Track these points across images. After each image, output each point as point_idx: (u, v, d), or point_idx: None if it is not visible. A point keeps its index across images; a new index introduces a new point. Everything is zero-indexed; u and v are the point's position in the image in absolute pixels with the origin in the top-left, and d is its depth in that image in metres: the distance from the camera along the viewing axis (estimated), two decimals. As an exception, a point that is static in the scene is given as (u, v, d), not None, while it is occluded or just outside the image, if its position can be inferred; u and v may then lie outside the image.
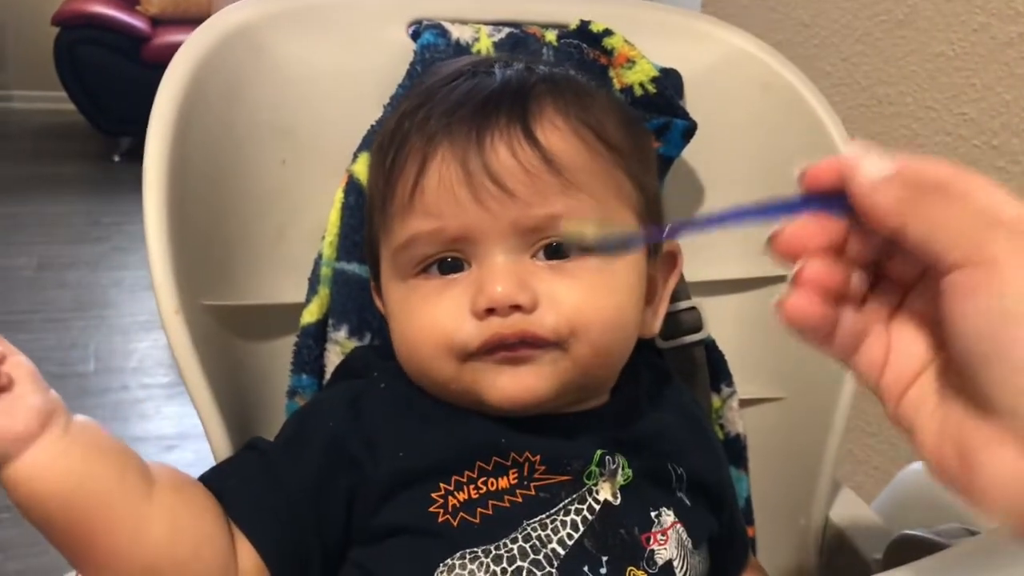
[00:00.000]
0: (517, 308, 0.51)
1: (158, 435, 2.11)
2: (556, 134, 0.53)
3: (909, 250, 0.35)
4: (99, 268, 2.94)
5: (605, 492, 0.54)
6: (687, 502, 0.57)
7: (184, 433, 2.09)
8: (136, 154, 2.84)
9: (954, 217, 0.34)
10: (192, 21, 4.07)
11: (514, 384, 0.52)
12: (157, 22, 4.03)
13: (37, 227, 3.22)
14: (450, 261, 0.54)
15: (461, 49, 0.68)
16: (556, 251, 0.53)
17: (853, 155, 0.37)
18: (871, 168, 0.36)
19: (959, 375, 0.35)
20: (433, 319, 0.53)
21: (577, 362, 0.53)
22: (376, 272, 0.60)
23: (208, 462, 0.57)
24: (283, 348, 0.65)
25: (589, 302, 0.52)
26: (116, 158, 3.95)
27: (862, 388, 0.45)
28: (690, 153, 0.71)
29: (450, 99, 0.54)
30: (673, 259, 0.62)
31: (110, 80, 3.78)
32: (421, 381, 0.56)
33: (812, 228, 0.38)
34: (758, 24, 1.42)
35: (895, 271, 0.38)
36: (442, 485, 0.52)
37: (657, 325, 0.61)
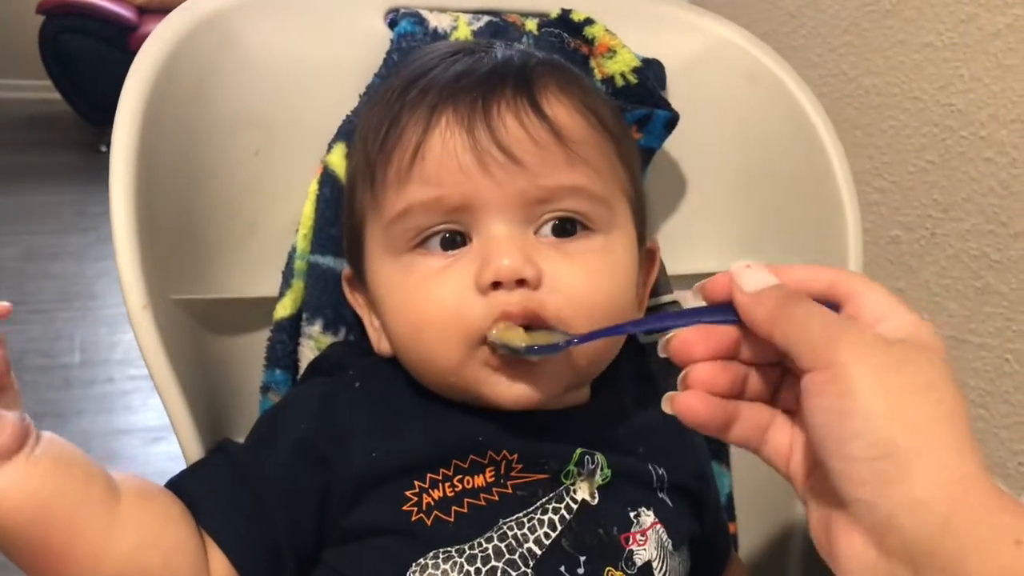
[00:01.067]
0: (522, 283, 0.50)
1: (144, 427, 2.10)
2: (561, 108, 0.53)
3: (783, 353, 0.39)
4: (85, 259, 2.92)
5: (583, 492, 0.53)
6: (668, 503, 0.56)
7: (170, 425, 2.08)
8: (119, 144, 2.73)
9: (811, 326, 0.38)
10: (179, 10, 4.06)
11: (518, 390, 0.51)
12: (144, 11, 3.99)
13: (23, 217, 3.20)
14: (449, 236, 0.52)
15: (439, 37, 0.66)
16: (559, 229, 0.52)
17: (737, 270, 0.43)
18: (749, 282, 0.41)
19: (820, 469, 0.38)
20: (438, 298, 0.51)
21: (578, 354, 0.52)
22: (357, 261, 0.58)
23: (192, 456, 0.56)
24: (256, 343, 0.64)
25: (591, 284, 0.52)
26: (103, 148, 3.91)
27: None
28: (672, 144, 0.70)
29: (451, 71, 0.53)
30: (652, 256, 0.61)
31: (96, 70, 3.74)
32: (420, 369, 0.54)
33: (697, 336, 0.42)
34: (745, 14, 1.41)
35: (793, 366, 0.41)
36: (417, 483, 0.51)
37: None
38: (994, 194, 1.05)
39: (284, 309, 0.63)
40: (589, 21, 0.69)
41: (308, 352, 0.63)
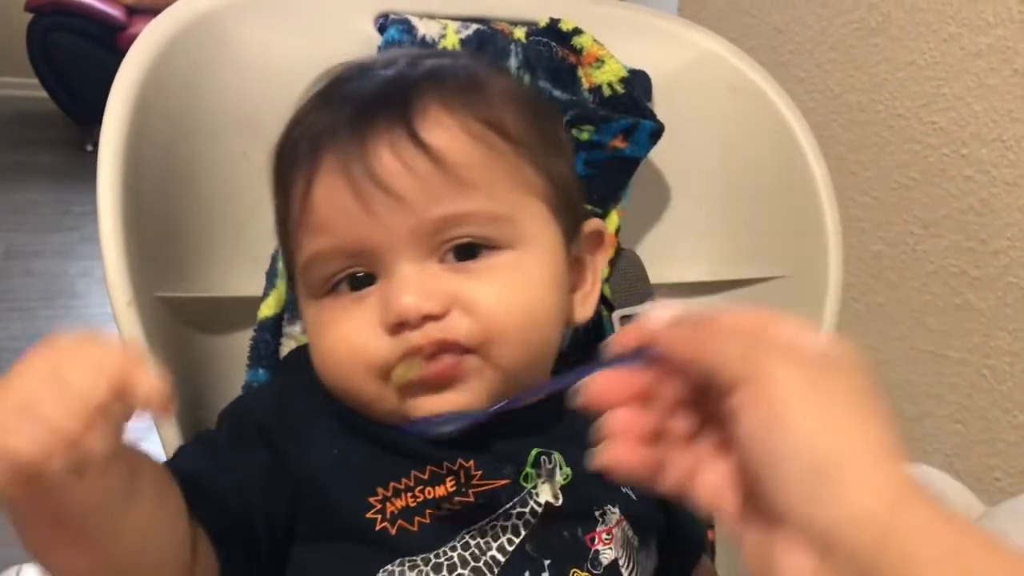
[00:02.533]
0: (428, 318, 0.49)
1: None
2: (442, 132, 0.50)
3: (707, 383, 0.38)
4: (68, 258, 2.91)
5: (546, 494, 0.53)
6: (632, 496, 0.56)
7: (152, 425, 2.07)
8: (106, 143, 2.71)
9: (733, 340, 0.37)
10: (169, 11, 4.06)
11: (442, 406, 0.50)
12: (133, 11, 3.98)
13: (6, 215, 3.18)
14: (360, 276, 0.51)
15: (426, 46, 0.67)
16: (462, 253, 0.51)
17: (648, 311, 0.41)
18: (659, 315, 0.40)
19: (754, 491, 0.37)
20: (345, 337, 0.51)
21: (500, 367, 0.51)
22: (295, 292, 0.58)
23: None
24: (239, 342, 0.64)
25: (501, 301, 0.51)
26: (89, 147, 3.90)
27: None
28: (657, 154, 0.71)
29: (331, 107, 0.52)
30: (599, 237, 0.59)
31: (84, 69, 3.73)
32: (347, 402, 0.53)
33: (613, 379, 0.41)
34: (733, 29, 1.42)
35: (713, 405, 0.40)
36: (379, 490, 0.51)
37: (590, 309, 0.58)
38: (974, 212, 1.07)
39: (268, 309, 0.64)
40: (578, 31, 0.70)
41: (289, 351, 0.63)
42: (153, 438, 1.78)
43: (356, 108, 0.51)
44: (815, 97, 1.29)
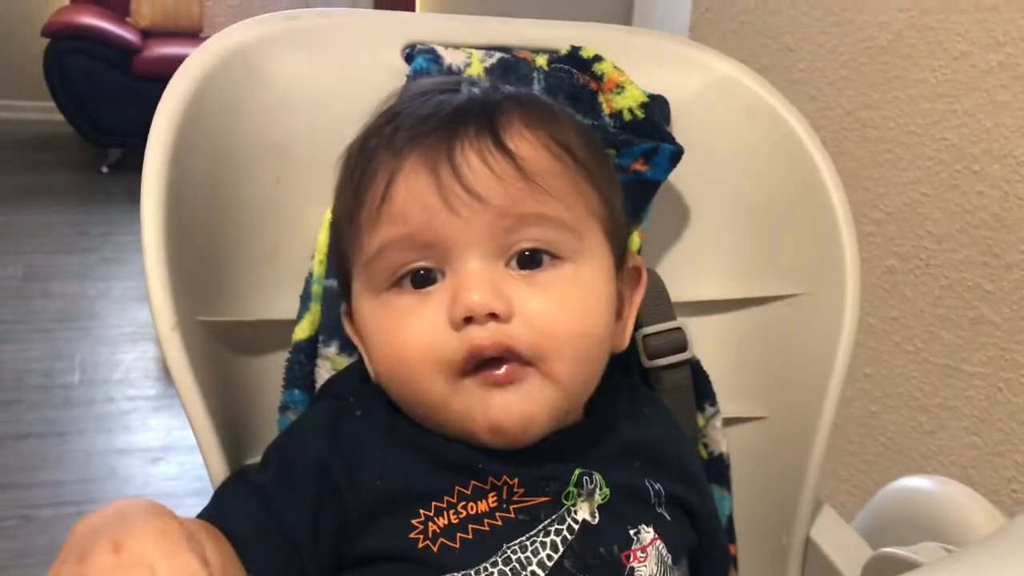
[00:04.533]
0: (493, 316, 0.51)
1: (143, 447, 2.11)
2: (525, 143, 0.54)
3: None
4: (86, 279, 2.94)
5: (583, 512, 0.54)
6: (667, 517, 0.58)
7: (169, 446, 2.09)
8: (124, 165, 2.85)
9: None
10: (183, 34, 4.10)
11: (506, 410, 0.52)
12: (148, 34, 4.04)
13: (24, 237, 3.22)
14: (422, 274, 0.54)
15: (452, 75, 0.69)
16: (527, 260, 0.54)
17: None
18: None
19: None
20: (413, 335, 0.53)
21: (559, 384, 0.53)
22: (347, 297, 0.60)
23: (193, 475, 0.58)
24: (276, 364, 0.66)
25: (561, 314, 0.53)
26: (104, 169, 3.94)
27: (843, 407, 0.45)
28: (677, 175, 0.72)
29: (418, 113, 0.55)
30: (638, 274, 0.63)
31: (100, 92, 3.78)
32: (409, 404, 0.55)
33: None
34: (744, 48, 1.44)
35: None
36: (422, 511, 0.52)
37: (626, 340, 0.61)
38: (987, 226, 1.08)
39: (302, 331, 0.66)
40: (598, 58, 0.72)
41: (325, 373, 0.65)
42: (170, 458, 1.79)
43: (445, 116, 0.54)
44: (827, 115, 1.30)
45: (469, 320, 0.51)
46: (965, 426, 1.14)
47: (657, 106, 0.72)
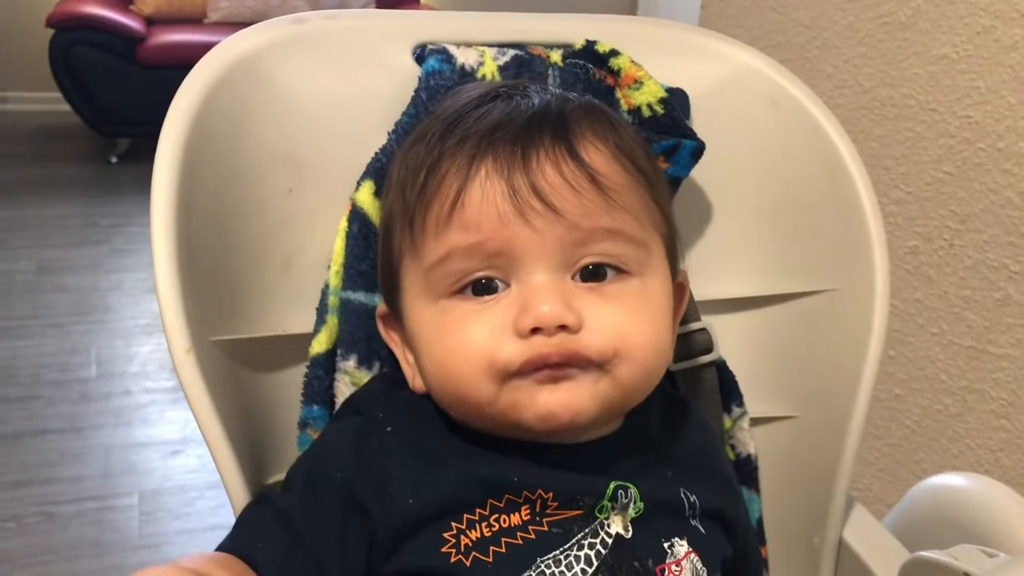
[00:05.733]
0: (562, 328, 0.50)
1: (162, 440, 2.11)
2: (598, 155, 0.53)
3: None
4: (99, 271, 2.94)
5: (617, 525, 0.54)
6: (701, 530, 0.57)
7: (188, 438, 2.09)
8: (133, 155, 2.85)
9: None
10: (187, 20, 4.07)
11: (555, 401, 0.51)
12: (152, 22, 4.00)
13: (35, 230, 3.21)
14: (484, 282, 0.53)
15: (466, 74, 0.67)
16: (594, 274, 0.53)
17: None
18: None
19: None
20: (473, 339, 0.52)
21: (618, 383, 0.52)
22: (393, 300, 0.59)
23: (212, 468, 0.57)
24: (293, 379, 0.65)
25: (632, 325, 0.52)
26: (113, 159, 3.93)
27: (875, 399, 0.44)
28: (699, 171, 0.71)
29: (488, 119, 0.54)
30: (682, 289, 0.62)
31: (106, 81, 3.76)
32: (454, 406, 0.55)
33: None
34: (758, 26, 1.41)
35: None
36: (454, 524, 0.52)
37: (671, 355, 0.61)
38: (1012, 205, 1.06)
39: (319, 345, 0.64)
40: (615, 52, 0.70)
41: (344, 387, 0.64)
42: (189, 451, 1.79)
43: (520, 124, 0.53)
44: (844, 93, 1.28)
45: (535, 331, 0.50)
46: (993, 409, 1.12)
47: (676, 100, 0.70)
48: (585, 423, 0.52)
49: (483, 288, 0.53)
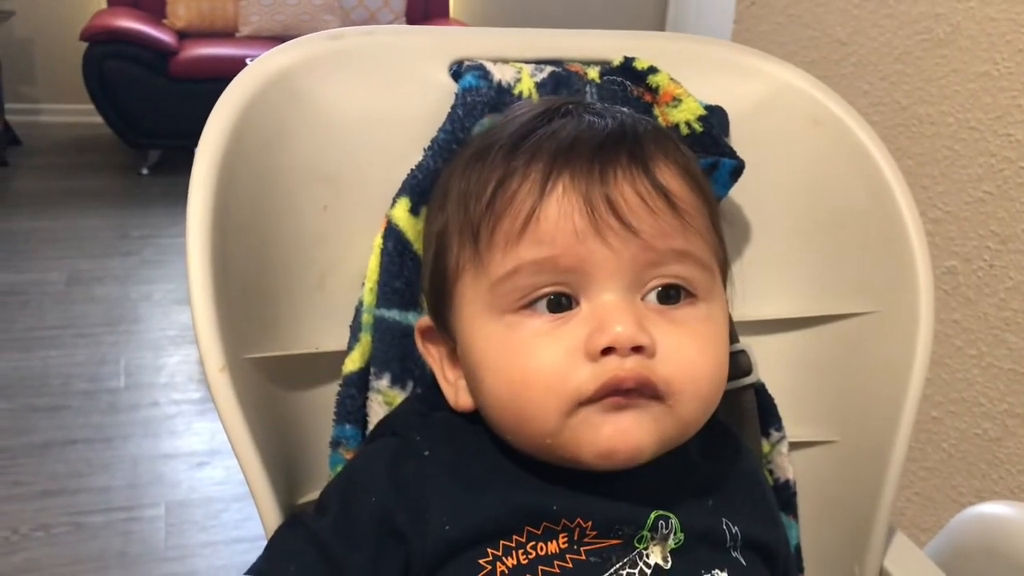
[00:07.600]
0: (637, 350, 0.49)
1: (189, 451, 2.11)
2: (672, 177, 0.53)
3: None
4: (129, 282, 2.96)
5: (655, 556, 0.52)
6: (742, 562, 0.55)
7: (215, 450, 2.10)
8: (164, 167, 2.88)
9: None
10: (218, 34, 4.12)
11: (617, 436, 0.50)
12: (183, 35, 4.05)
13: (66, 241, 3.25)
14: (555, 298, 0.52)
15: (503, 91, 0.66)
16: (663, 295, 0.52)
17: None
18: None
19: None
20: (546, 362, 0.50)
21: (680, 419, 0.52)
22: (442, 316, 0.58)
23: (238, 479, 0.56)
24: (325, 397, 0.64)
25: (699, 356, 0.52)
26: (144, 171, 3.97)
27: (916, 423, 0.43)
28: (738, 190, 0.69)
29: (562, 136, 0.53)
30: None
31: (138, 94, 3.81)
32: (510, 429, 0.53)
33: None
34: (792, 42, 1.40)
35: None
36: (490, 551, 0.51)
37: None
38: (1055, 226, 1.04)
39: (352, 363, 0.63)
40: (653, 69, 0.69)
41: (377, 407, 0.63)
42: (216, 463, 1.79)
43: (596, 143, 0.53)
44: (880, 110, 1.26)
45: (607, 352, 0.49)
46: (1034, 433, 1.09)
47: (715, 118, 0.69)
48: (642, 461, 0.51)
49: (556, 304, 0.52)
